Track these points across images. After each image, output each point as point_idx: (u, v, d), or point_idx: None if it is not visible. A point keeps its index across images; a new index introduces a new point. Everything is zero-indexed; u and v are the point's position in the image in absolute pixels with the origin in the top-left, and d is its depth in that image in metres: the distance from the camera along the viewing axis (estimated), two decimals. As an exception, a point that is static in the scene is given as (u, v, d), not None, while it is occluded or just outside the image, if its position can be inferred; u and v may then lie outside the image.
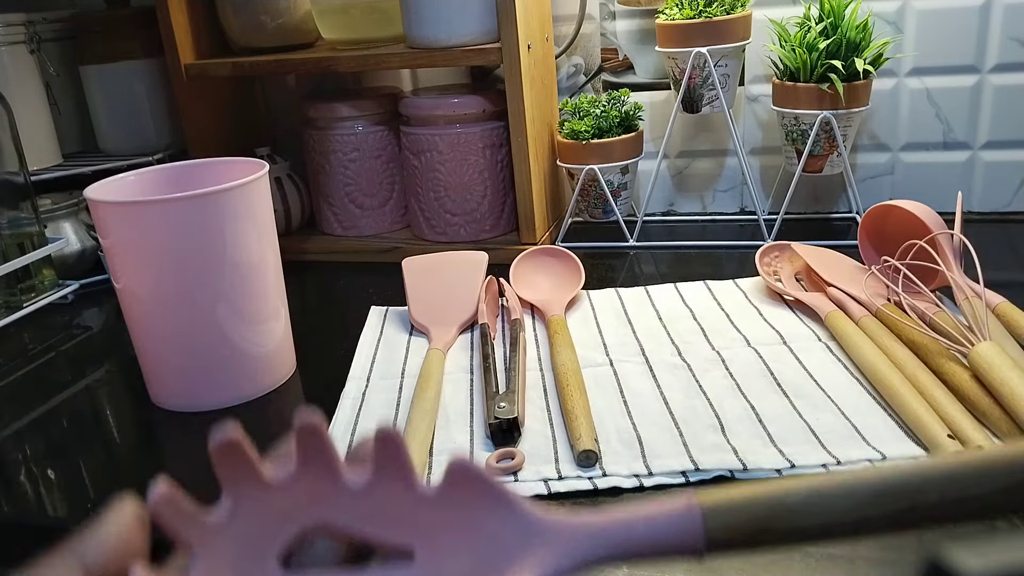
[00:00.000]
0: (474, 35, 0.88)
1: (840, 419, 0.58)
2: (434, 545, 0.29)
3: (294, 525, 0.29)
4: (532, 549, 0.28)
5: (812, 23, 0.88)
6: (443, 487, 0.29)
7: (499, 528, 0.29)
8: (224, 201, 0.63)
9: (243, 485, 0.29)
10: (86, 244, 0.99)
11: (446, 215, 0.96)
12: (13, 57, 1.03)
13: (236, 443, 0.28)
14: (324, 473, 0.29)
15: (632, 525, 0.28)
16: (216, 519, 0.28)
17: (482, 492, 0.29)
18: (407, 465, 0.29)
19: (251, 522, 0.29)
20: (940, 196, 0.91)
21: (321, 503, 0.29)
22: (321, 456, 0.28)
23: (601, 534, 0.28)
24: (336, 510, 0.29)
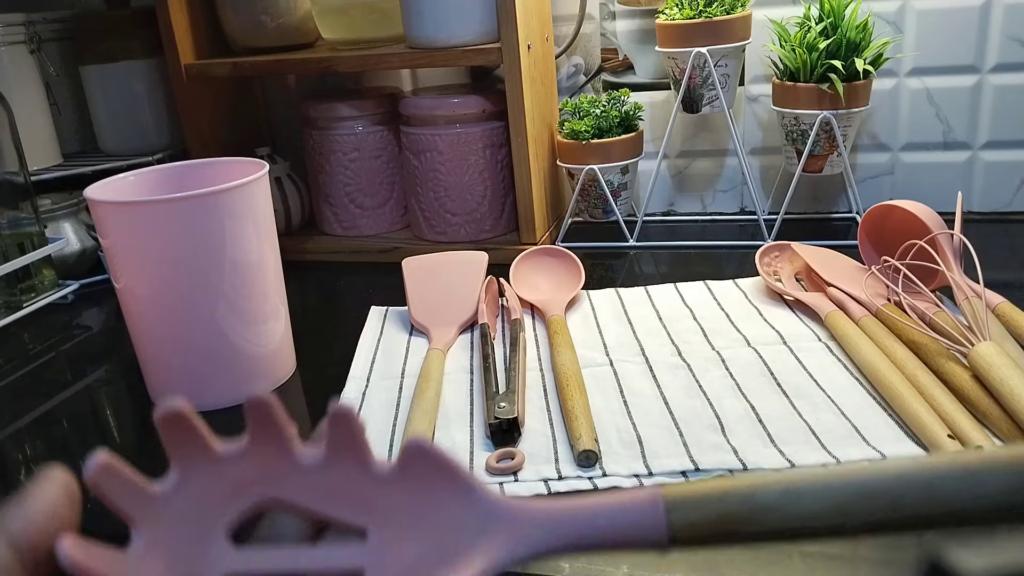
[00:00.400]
0: (474, 35, 0.88)
1: (840, 419, 0.58)
2: (388, 526, 0.28)
3: (244, 500, 0.28)
4: (489, 535, 0.27)
5: (812, 23, 0.88)
6: (399, 468, 0.28)
7: (455, 512, 0.28)
8: (224, 201, 0.63)
9: (191, 457, 0.28)
10: (86, 244, 0.99)
11: (446, 215, 0.96)
12: (13, 57, 1.03)
13: (182, 414, 0.27)
14: (276, 448, 0.28)
15: (594, 515, 0.27)
16: (161, 491, 0.28)
17: (439, 475, 0.28)
18: (362, 444, 0.28)
19: (199, 495, 0.28)
20: (940, 196, 0.91)
21: (272, 478, 0.28)
22: (273, 431, 0.28)
23: (561, 523, 0.27)
24: (288, 486, 0.28)
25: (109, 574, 0.25)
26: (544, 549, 0.27)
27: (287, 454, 0.28)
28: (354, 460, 0.28)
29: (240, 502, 0.28)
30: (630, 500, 0.27)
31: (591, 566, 0.46)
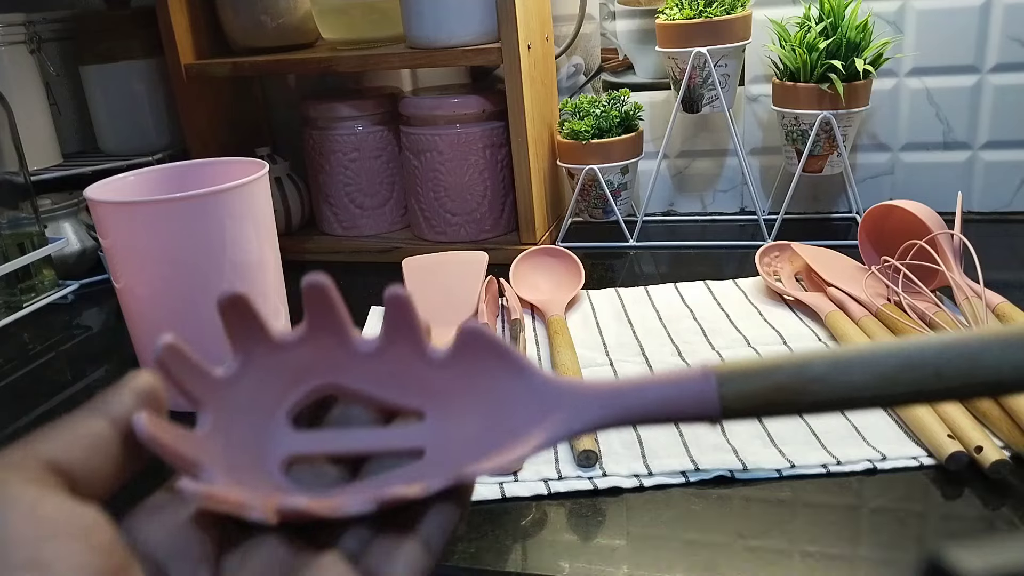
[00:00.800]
0: (474, 35, 0.88)
1: (840, 419, 0.58)
2: (445, 408, 0.29)
3: (304, 385, 0.29)
4: (544, 412, 0.28)
5: (812, 23, 0.88)
6: (454, 351, 0.28)
7: (510, 392, 0.28)
8: (224, 201, 0.63)
9: (252, 343, 0.28)
10: (86, 244, 0.99)
11: (446, 215, 0.96)
12: (13, 57, 1.03)
13: (243, 299, 0.28)
14: (333, 335, 0.28)
15: (644, 390, 0.28)
16: (224, 375, 0.28)
17: (493, 357, 0.28)
18: (417, 328, 0.28)
19: (260, 381, 0.29)
20: (940, 196, 0.91)
21: (330, 364, 0.29)
22: (331, 316, 0.28)
23: (613, 398, 0.28)
24: (346, 371, 0.29)
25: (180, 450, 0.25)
26: (598, 423, 0.28)
27: (344, 340, 0.29)
28: (409, 345, 0.29)
29: (300, 388, 0.29)
30: (680, 375, 0.28)
31: (591, 566, 0.47)
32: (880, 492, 0.51)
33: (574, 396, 0.28)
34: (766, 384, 0.27)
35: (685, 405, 0.27)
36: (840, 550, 0.46)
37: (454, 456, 0.28)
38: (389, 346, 0.29)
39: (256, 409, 0.29)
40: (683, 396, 0.27)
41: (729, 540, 0.48)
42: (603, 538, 0.49)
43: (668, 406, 0.27)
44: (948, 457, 0.51)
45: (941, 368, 0.27)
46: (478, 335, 0.28)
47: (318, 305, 0.28)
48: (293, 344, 0.29)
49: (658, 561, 0.46)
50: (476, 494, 0.53)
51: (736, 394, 0.27)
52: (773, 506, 0.50)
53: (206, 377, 0.28)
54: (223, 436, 0.28)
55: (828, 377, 0.27)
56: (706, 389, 0.27)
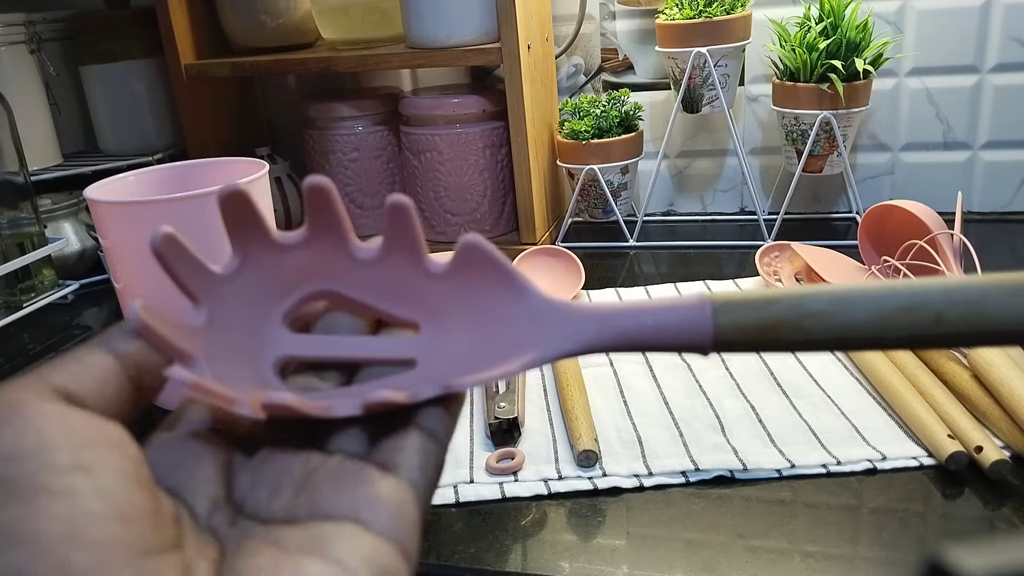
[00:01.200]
0: (474, 35, 0.88)
1: (840, 419, 0.58)
2: (440, 320, 0.29)
3: (301, 289, 0.29)
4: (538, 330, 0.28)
5: (812, 23, 0.88)
6: (453, 265, 0.28)
7: (506, 308, 0.28)
8: (224, 201, 0.63)
9: (251, 242, 0.28)
10: (86, 244, 0.99)
11: (446, 215, 0.96)
12: (13, 57, 1.03)
13: (243, 195, 0.27)
14: (333, 240, 0.28)
15: (640, 314, 0.27)
16: (222, 272, 0.28)
17: (492, 272, 0.28)
18: (417, 238, 0.28)
19: (258, 280, 0.28)
20: (940, 196, 0.91)
21: (328, 270, 0.29)
22: (331, 222, 0.28)
23: (608, 320, 0.27)
24: (343, 278, 0.29)
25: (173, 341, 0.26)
26: (591, 344, 0.27)
27: (343, 247, 0.28)
28: (409, 255, 0.28)
29: (297, 291, 0.29)
30: (678, 302, 0.27)
31: (591, 566, 0.47)
32: (880, 492, 0.51)
33: (569, 316, 0.28)
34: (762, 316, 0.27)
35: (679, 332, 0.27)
36: (840, 550, 0.46)
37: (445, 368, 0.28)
38: (388, 255, 0.28)
39: (252, 308, 0.28)
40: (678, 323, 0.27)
41: (729, 540, 0.48)
42: (603, 538, 0.49)
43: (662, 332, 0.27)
44: (948, 457, 0.51)
45: (943, 312, 0.26)
46: (478, 249, 0.28)
47: (319, 209, 0.28)
48: (293, 246, 0.28)
49: (658, 561, 0.46)
50: (476, 494, 0.53)
51: (731, 324, 0.27)
52: (773, 506, 0.50)
53: (204, 272, 0.28)
54: (218, 331, 0.28)
55: (826, 313, 0.26)
56: (701, 318, 0.27)
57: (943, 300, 0.26)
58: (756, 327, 0.27)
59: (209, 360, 0.26)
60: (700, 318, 0.27)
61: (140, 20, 1.06)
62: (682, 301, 0.27)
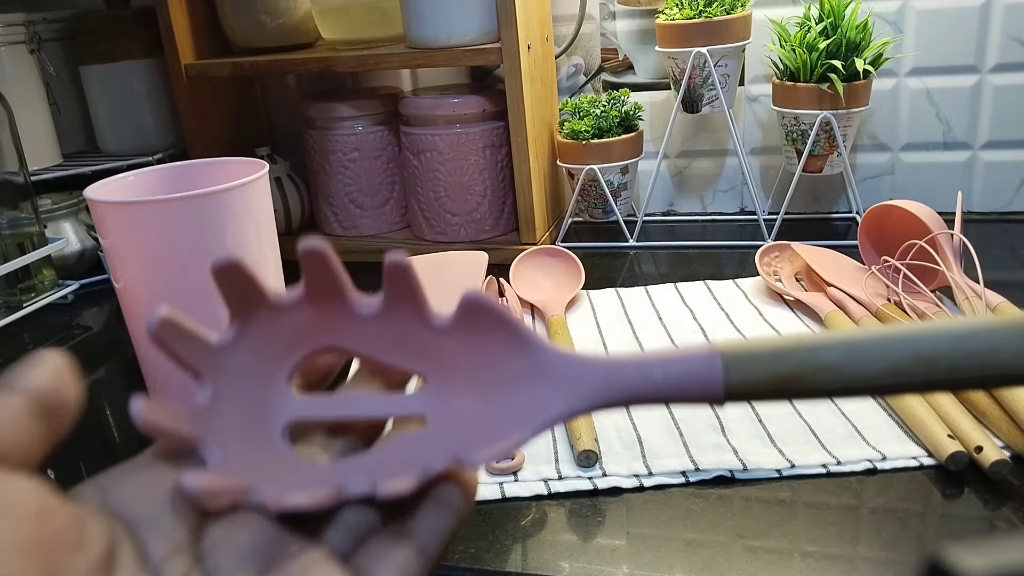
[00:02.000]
0: (474, 35, 0.88)
1: (840, 419, 0.58)
2: (447, 376, 0.28)
3: (303, 348, 0.28)
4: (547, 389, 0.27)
5: (812, 23, 0.88)
6: (456, 319, 0.28)
7: (513, 364, 0.28)
8: (224, 201, 0.63)
9: (249, 308, 0.28)
10: (86, 244, 0.99)
11: (446, 215, 0.96)
12: (13, 57, 1.03)
13: (238, 265, 0.27)
14: (332, 297, 0.28)
15: (650, 368, 0.27)
16: (222, 342, 0.28)
17: (496, 327, 0.28)
18: (419, 294, 0.28)
19: (258, 346, 0.28)
20: (940, 196, 0.91)
21: (330, 327, 0.28)
22: (330, 279, 0.28)
23: (616, 376, 0.27)
24: (346, 334, 0.28)
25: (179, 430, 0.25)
26: (601, 402, 0.27)
27: (343, 303, 0.28)
28: (411, 310, 0.28)
29: (299, 350, 0.28)
30: (687, 354, 0.27)
31: (591, 566, 0.47)
32: (880, 492, 0.51)
33: (576, 373, 0.27)
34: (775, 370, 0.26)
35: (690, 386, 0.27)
36: (840, 550, 0.46)
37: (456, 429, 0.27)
38: (390, 310, 0.28)
39: (256, 374, 0.28)
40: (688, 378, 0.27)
41: (729, 540, 0.48)
42: (603, 538, 0.49)
43: (671, 387, 0.27)
44: (948, 457, 0.51)
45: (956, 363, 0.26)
46: (480, 304, 0.27)
47: (316, 270, 0.27)
48: (291, 307, 0.28)
49: (658, 561, 0.46)
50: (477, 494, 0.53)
51: (742, 379, 0.26)
52: (773, 506, 0.50)
53: (204, 346, 0.27)
54: (224, 405, 0.27)
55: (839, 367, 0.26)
56: (711, 371, 0.26)
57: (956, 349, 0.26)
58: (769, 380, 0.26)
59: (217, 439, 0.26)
60: (711, 371, 0.26)
61: (140, 20, 1.06)
62: (691, 353, 0.27)
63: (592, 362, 0.27)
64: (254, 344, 0.28)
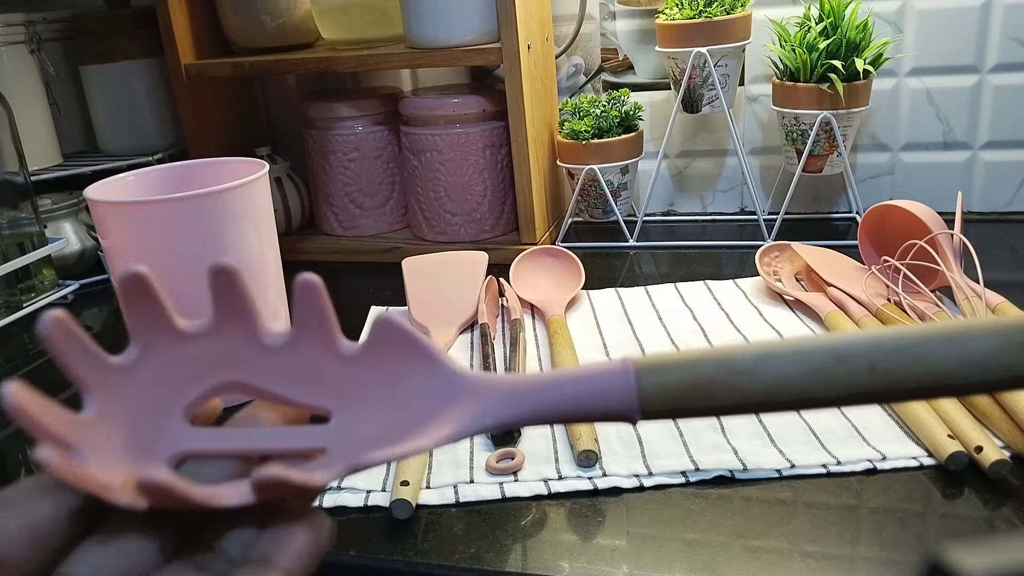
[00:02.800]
0: (474, 35, 0.88)
1: (840, 419, 0.58)
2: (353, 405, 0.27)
3: (206, 382, 0.27)
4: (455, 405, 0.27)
5: (812, 23, 0.88)
6: (367, 345, 0.27)
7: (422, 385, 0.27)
8: (224, 201, 0.63)
9: (153, 330, 0.27)
10: (86, 244, 0.99)
11: (446, 215, 0.96)
12: (13, 57, 1.03)
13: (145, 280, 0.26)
14: (241, 328, 0.27)
15: (561, 384, 0.26)
16: (119, 363, 0.26)
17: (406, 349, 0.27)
18: (328, 319, 0.27)
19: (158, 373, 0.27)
20: (940, 196, 0.91)
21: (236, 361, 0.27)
22: (238, 307, 0.27)
23: (526, 392, 0.26)
24: (252, 368, 0.27)
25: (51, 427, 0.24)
26: (509, 419, 0.26)
27: (252, 335, 0.27)
28: (320, 339, 0.27)
29: (201, 384, 0.27)
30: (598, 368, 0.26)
31: (591, 566, 0.46)
32: (880, 492, 0.51)
33: (486, 390, 0.27)
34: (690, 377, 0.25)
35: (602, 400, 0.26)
36: (840, 550, 0.46)
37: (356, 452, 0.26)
38: (299, 340, 0.27)
39: (151, 401, 0.27)
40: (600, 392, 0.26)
41: (729, 540, 0.48)
42: (603, 538, 0.49)
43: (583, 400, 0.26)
44: (948, 457, 0.51)
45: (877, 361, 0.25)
46: (391, 327, 0.27)
47: (225, 294, 0.27)
48: (198, 336, 0.27)
49: (658, 561, 0.46)
50: (476, 494, 0.53)
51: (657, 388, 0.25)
52: (773, 506, 0.50)
53: (97, 360, 0.26)
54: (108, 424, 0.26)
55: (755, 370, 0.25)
56: (624, 384, 0.25)
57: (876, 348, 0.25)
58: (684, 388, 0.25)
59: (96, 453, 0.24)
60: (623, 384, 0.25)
61: (140, 20, 1.06)
62: (604, 367, 0.26)
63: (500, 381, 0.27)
64: (154, 369, 0.27)
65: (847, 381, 0.25)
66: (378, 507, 0.53)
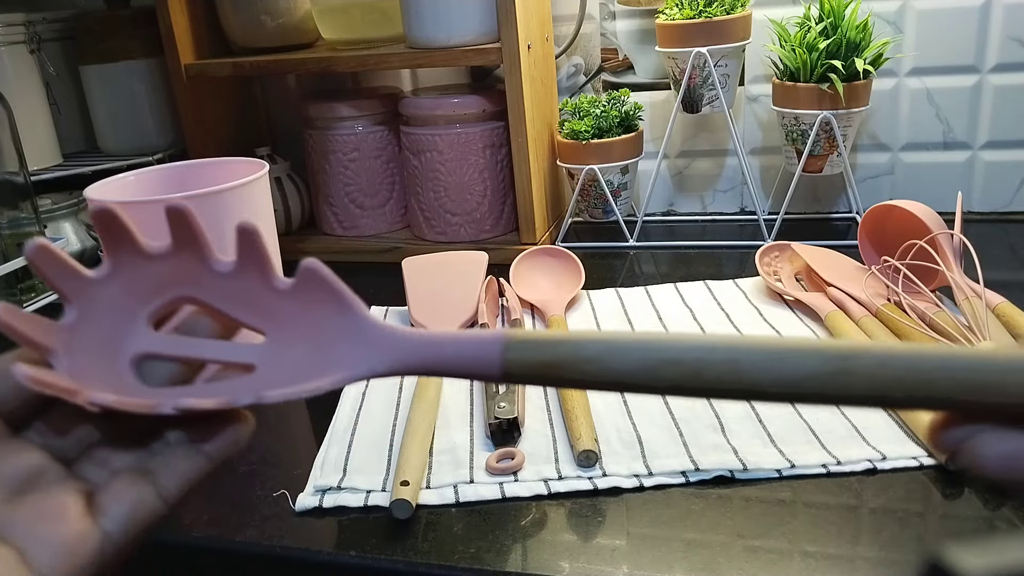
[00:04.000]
0: (474, 35, 0.88)
1: (840, 419, 0.58)
2: (282, 333, 0.33)
3: (166, 294, 0.33)
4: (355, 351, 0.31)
5: (812, 23, 0.88)
6: (296, 284, 0.32)
7: (337, 328, 0.32)
8: (224, 201, 0.63)
9: (123, 250, 0.32)
10: (86, 244, 0.99)
11: (446, 215, 0.96)
12: (13, 57, 1.03)
13: (113, 212, 0.31)
14: (196, 252, 0.32)
15: (443, 344, 0.31)
16: (94, 276, 0.32)
17: (329, 294, 0.32)
18: (266, 259, 0.32)
19: (127, 284, 0.32)
20: (940, 196, 0.91)
21: (190, 279, 0.33)
22: (193, 237, 0.32)
23: (413, 346, 0.31)
24: (203, 286, 0.33)
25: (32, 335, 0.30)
26: (398, 368, 0.31)
27: (203, 259, 0.32)
28: (259, 272, 0.32)
29: (162, 295, 0.33)
30: (477, 335, 0.31)
31: (591, 566, 0.46)
32: (880, 492, 0.51)
33: (384, 341, 0.31)
34: (545, 356, 0.30)
35: (473, 362, 0.31)
36: (840, 550, 0.46)
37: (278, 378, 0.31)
38: (242, 271, 0.32)
39: (120, 309, 0.32)
40: (472, 354, 0.30)
41: (729, 540, 0.48)
42: (603, 538, 0.49)
43: (459, 361, 0.31)
44: (948, 457, 0.51)
45: (702, 370, 0.29)
46: (315, 272, 0.31)
47: (180, 228, 0.31)
48: (159, 256, 0.32)
49: (658, 561, 0.46)
50: (476, 494, 0.53)
51: (518, 360, 0.30)
52: (773, 506, 0.50)
53: (77, 276, 0.32)
54: (84, 328, 0.32)
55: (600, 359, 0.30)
56: (493, 352, 0.30)
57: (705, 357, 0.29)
58: (540, 364, 0.30)
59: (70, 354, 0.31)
60: (492, 352, 0.30)
61: (140, 20, 1.06)
62: (481, 335, 0.31)
63: (397, 333, 0.31)
64: (123, 282, 0.32)
65: (673, 381, 0.29)
66: (378, 507, 0.53)
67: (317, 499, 0.53)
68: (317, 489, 0.54)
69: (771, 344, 0.29)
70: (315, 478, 0.56)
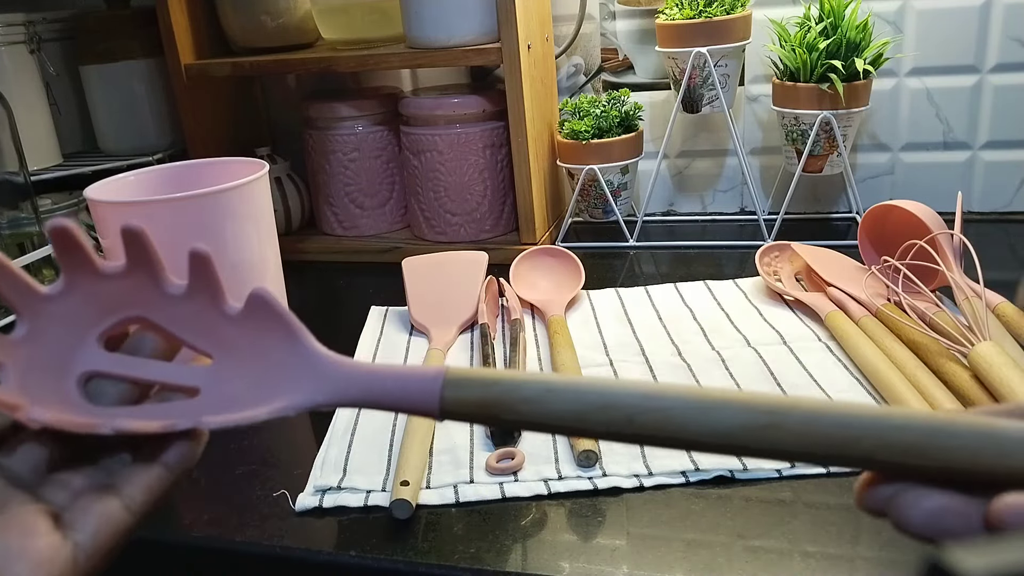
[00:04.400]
0: (474, 35, 0.88)
1: (840, 419, 0.58)
2: (229, 358, 0.33)
3: (117, 314, 0.33)
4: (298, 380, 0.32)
5: (812, 23, 0.88)
6: (244, 310, 0.32)
7: (282, 356, 0.32)
8: (224, 201, 0.63)
9: (77, 269, 0.33)
10: (86, 244, 0.99)
11: (446, 215, 0.96)
12: (13, 57, 1.03)
13: (71, 231, 0.31)
14: (149, 273, 0.33)
15: (384, 378, 0.31)
16: (47, 291, 0.32)
17: (276, 321, 0.32)
18: (217, 283, 0.33)
19: (80, 302, 0.33)
20: (940, 196, 0.91)
21: (143, 300, 0.33)
22: (147, 259, 0.32)
23: (355, 380, 0.31)
24: (155, 308, 0.33)
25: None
26: (341, 399, 0.32)
27: (157, 281, 0.33)
28: (210, 297, 0.33)
29: (114, 315, 0.33)
30: (418, 372, 0.31)
31: (591, 566, 0.47)
32: (880, 492, 0.51)
33: (326, 372, 0.31)
34: (482, 395, 0.30)
35: (412, 400, 0.31)
36: (840, 550, 0.46)
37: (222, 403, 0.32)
38: (193, 295, 0.33)
39: (71, 327, 0.33)
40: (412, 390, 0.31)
41: (729, 540, 0.48)
42: (603, 538, 0.49)
43: (399, 397, 0.31)
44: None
45: (635, 416, 0.29)
46: (263, 300, 0.32)
47: (135, 248, 0.32)
48: (113, 276, 0.33)
49: (658, 561, 0.46)
50: (476, 494, 0.53)
51: (455, 399, 0.30)
52: (773, 506, 0.50)
53: (29, 291, 0.32)
54: (35, 344, 0.32)
55: (536, 400, 0.30)
56: (432, 390, 0.30)
57: (638, 404, 0.29)
58: (477, 404, 0.30)
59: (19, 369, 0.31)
60: (431, 388, 0.30)
61: (140, 20, 1.06)
62: (422, 372, 0.31)
63: (340, 365, 0.32)
64: (77, 300, 0.33)
65: (606, 426, 0.30)
66: (378, 507, 0.53)
67: (317, 499, 0.53)
68: (317, 489, 0.54)
69: (704, 395, 0.29)
70: (315, 478, 0.56)
